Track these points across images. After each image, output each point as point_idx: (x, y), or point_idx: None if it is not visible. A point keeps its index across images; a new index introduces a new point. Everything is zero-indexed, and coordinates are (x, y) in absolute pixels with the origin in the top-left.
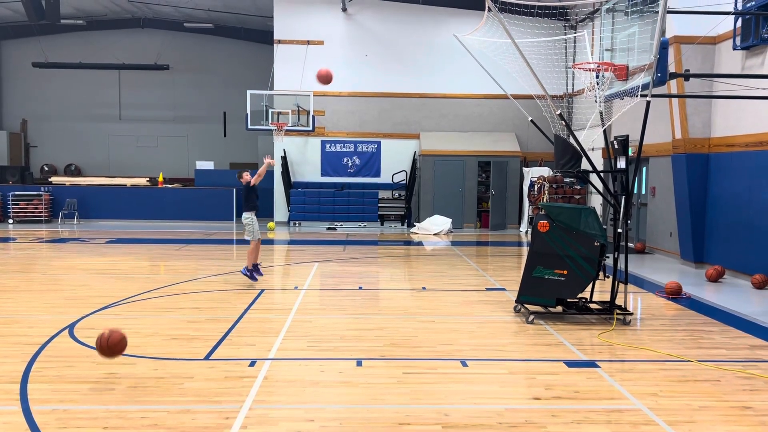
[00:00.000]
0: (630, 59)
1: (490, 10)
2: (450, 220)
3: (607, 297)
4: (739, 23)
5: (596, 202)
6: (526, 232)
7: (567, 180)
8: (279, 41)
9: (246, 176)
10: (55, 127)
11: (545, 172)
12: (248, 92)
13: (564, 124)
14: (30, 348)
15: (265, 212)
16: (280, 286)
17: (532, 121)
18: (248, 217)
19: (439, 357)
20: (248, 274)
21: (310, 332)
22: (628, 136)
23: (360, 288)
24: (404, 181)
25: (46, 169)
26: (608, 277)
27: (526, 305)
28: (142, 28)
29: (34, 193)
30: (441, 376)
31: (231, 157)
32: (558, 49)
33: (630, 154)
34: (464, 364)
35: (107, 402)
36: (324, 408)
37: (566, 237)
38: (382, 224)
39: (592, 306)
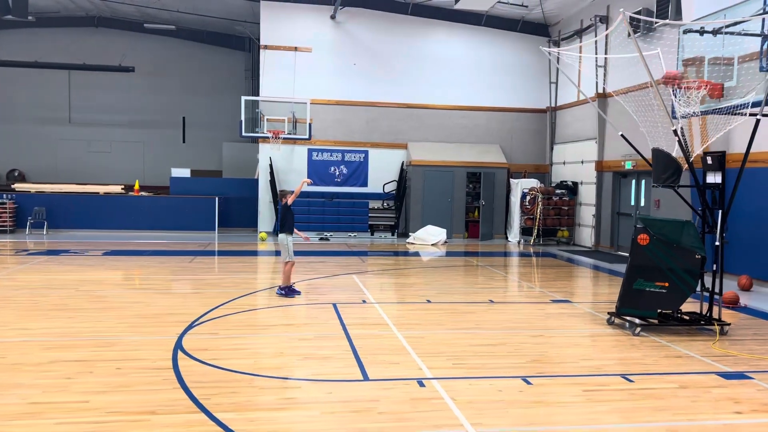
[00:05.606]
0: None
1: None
2: (444, 231)
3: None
4: None
5: (587, 213)
6: (518, 242)
7: (558, 192)
8: (266, 47)
9: (289, 198)
10: None
11: (534, 183)
12: (242, 98)
13: (678, 139)
14: (164, 373)
15: (250, 222)
16: (344, 300)
17: (622, 135)
18: (285, 238)
19: (596, 373)
20: (284, 293)
21: (438, 349)
22: (724, 152)
23: (428, 301)
24: (394, 192)
25: None
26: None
27: (623, 317)
28: (96, 27)
29: None
30: (620, 392)
31: (191, 164)
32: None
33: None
34: (628, 380)
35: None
36: (558, 429)
37: (667, 250)
38: (372, 234)
39: (684, 317)
